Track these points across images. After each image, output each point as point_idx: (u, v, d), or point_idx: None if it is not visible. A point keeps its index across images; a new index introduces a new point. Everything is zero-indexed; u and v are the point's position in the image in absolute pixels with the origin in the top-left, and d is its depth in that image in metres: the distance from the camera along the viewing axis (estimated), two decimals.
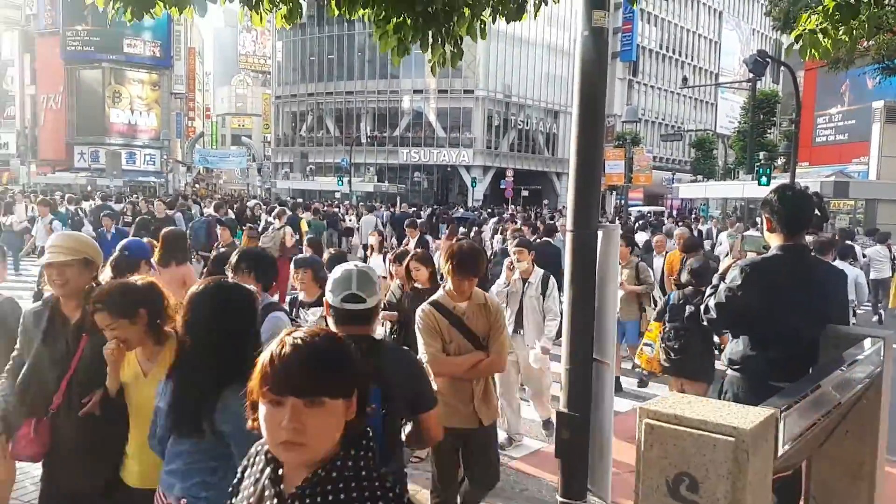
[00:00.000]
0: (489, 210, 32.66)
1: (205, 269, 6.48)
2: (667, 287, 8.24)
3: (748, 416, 1.72)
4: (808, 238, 14.63)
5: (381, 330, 5.31)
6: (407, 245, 9.99)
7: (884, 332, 3.04)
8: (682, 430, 1.72)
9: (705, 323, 3.61)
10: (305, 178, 56.84)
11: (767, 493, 1.83)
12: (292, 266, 5.12)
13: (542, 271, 5.77)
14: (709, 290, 3.68)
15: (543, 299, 5.61)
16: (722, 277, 3.64)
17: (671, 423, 1.74)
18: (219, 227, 9.92)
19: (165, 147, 57.11)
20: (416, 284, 5.11)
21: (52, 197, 19.80)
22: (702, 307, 3.62)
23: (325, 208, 23.33)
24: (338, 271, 2.49)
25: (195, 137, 65.32)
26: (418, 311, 3.74)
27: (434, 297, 3.81)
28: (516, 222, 18.64)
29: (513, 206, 36.97)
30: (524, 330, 5.67)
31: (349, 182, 41.36)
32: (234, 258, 3.71)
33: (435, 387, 2.89)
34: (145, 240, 5.31)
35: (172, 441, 2.21)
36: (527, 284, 5.68)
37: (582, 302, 3.65)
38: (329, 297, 2.45)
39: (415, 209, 27.66)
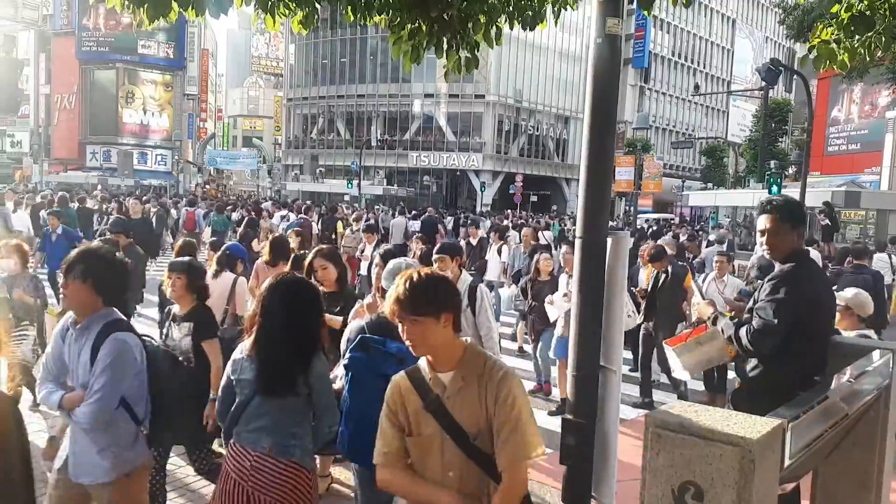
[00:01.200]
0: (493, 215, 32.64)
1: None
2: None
3: (755, 426, 1.72)
4: (813, 249, 14.48)
5: None
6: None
7: (893, 344, 3.02)
8: (688, 438, 1.72)
9: (744, 349, 3.33)
10: (315, 181, 56.98)
11: (773, 503, 1.83)
12: (166, 270, 4.23)
13: (469, 279, 4.71)
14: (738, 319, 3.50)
15: (473, 314, 4.48)
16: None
17: (678, 431, 1.74)
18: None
19: (177, 148, 57.38)
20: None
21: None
22: (737, 336, 3.35)
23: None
24: (391, 264, 3.32)
25: (206, 138, 65.63)
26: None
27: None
28: (509, 225, 19.00)
29: (510, 212, 36.92)
30: None
31: (359, 185, 41.46)
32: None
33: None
34: (111, 235, 6.46)
35: (257, 403, 2.63)
36: None
37: (590, 309, 3.65)
38: (386, 285, 3.21)
39: (434, 213, 27.72)
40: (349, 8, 4.05)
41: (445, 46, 4.14)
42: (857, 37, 4.24)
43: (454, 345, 2.20)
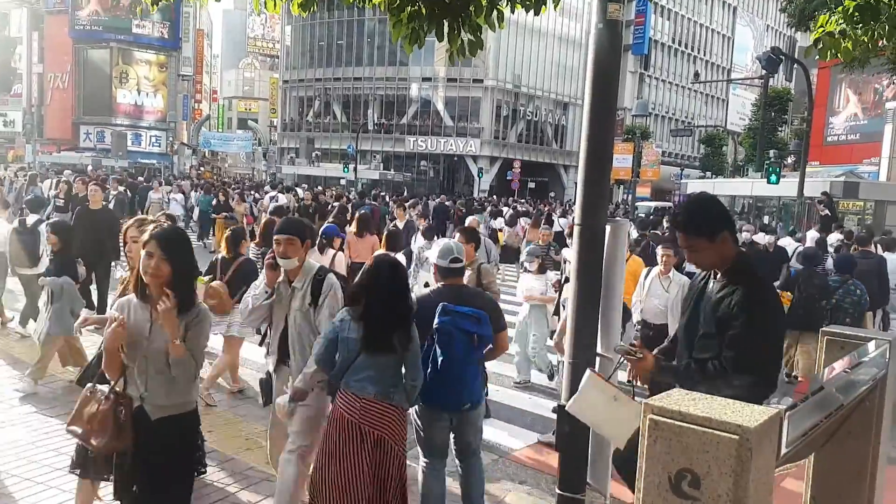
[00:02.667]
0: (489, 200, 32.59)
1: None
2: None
3: (753, 415, 1.73)
4: (836, 233, 14.16)
5: None
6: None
7: (890, 335, 3.03)
8: (686, 426, 1.72)
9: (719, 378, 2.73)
10: (311, 164, 56.78)
11: (769, 491, 1.84)
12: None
13: (315, 267, 3.81)
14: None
15: (314, 311, 3.70)
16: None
17: (675, 419, 1.74)
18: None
19: (171, 129, 57.03)
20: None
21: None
22: (709, 367, 2.79)
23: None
24: (441, 242, 3.98)
25: (201, 120, 65.25)
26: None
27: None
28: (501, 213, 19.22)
29: (499, 199, 36.88)
30: (291, 360, 3.74)
31: (355, 169, 41.32)
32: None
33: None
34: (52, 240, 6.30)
35: (362, 359, 3.29)
36: (292, 290, 3.73)
37: (587, 296, 3.65)
38: (438, 261, 3.78)
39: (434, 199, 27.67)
40: None
41: (446, 29, 4.10)
42: (861, 26, 4.22)
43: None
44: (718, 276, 2.89)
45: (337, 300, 3.66)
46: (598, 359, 3.64)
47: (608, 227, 3.61)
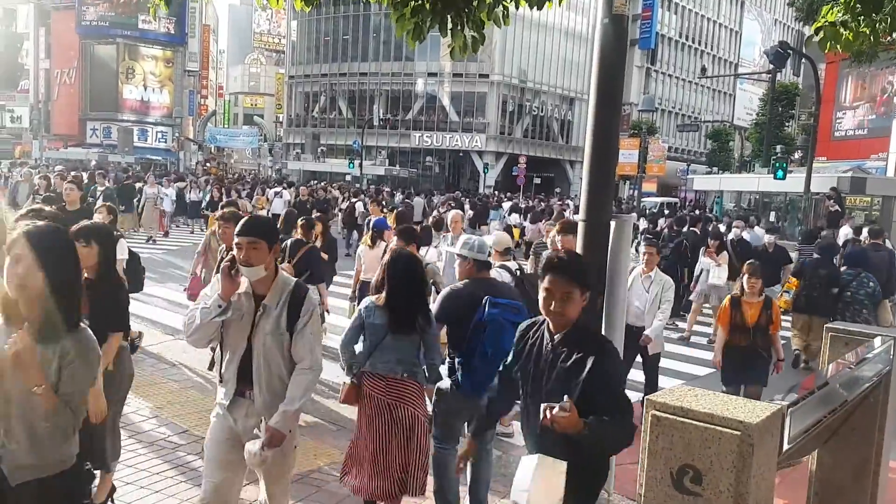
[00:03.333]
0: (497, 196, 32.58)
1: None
2: None
3: (755, 411, 1.73)
4: (846, 228, 14.23)
5: None
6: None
7: (894, 331, 3.02)
8: (688, 422, 1.72)
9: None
10: (316, 160, 56.82)
11: (771, 487, 1.84)
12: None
13: (291, 283, 3.06)
14: None
15: (290, 337, 2.97)
16: None
17: (678, 415, 1.74)
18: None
19: (177, 125, 57.15)
20: None
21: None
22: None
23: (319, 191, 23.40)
24: (465, 237, 4.08)
25: (207, 116, 65.36)
26: None
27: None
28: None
29: (502, 194, 36.83)
30: (255, 393, 2.98)
31: (360, 165, 41.33)
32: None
33: None
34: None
35: (388, 340, 3.59)
36: (263, 309, 2.96)
37: (592, 291, 3.65)
38: (476, 255, 3.92)
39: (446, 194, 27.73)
40: None
41: (450, 25, 4.10)
42: (862, 18, 4.20)
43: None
44: (557, 336, 2.63)
45: (320, 325, 3.34)
46: None
47: (612, 223, 3.61)
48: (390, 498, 3.59)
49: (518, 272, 5.18)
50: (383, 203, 15.45)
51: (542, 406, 2.34)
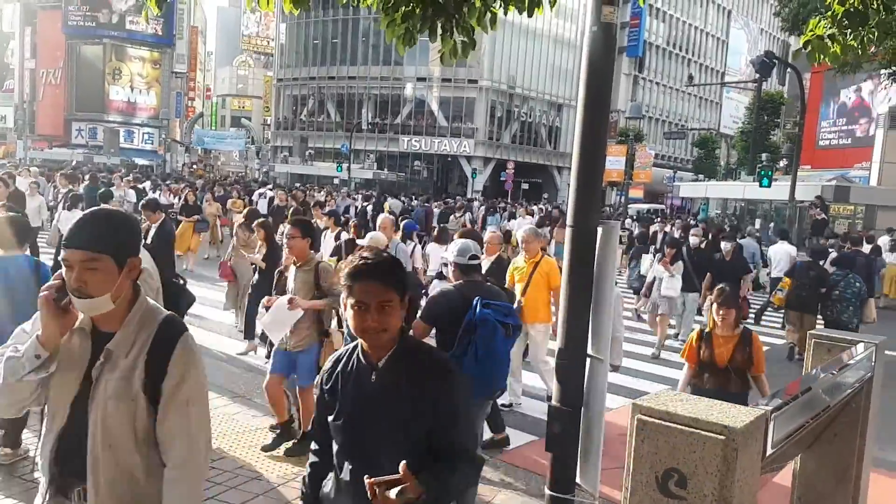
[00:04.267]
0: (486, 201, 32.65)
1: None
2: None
3: (739, 416, 1.74)
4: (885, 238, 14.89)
5: None
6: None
7: (877, 337, 3.06)
8: (673, 426, 1.74)
9: None
10: (304, 163, 56.68)
11: (755, 491, 1.86)
12: None
13: (161, 315, 2.08)
14: None
15: (149, 403, 2.11)
16: None
17: (663, 419, 1.76)
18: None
19: (164, 126, 56.82)
20: None
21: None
22: None
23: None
24: (460, 242, 4.03)
25: (194, 118, 65.06)
26: None
27: None
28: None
29: (487, 200, 36.90)
30: (89, 493, 1.99)
31: (348, 168, 41.29)
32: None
33: None
34: None
35: None
36: (106, 356, 1.91)
37: (579, 298, 3.67)
38: (458, 259, 3.90)
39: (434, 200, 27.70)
40: None
41: (440, 31, 4.11)
42: (850, 31, 4.26)
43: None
44: (381, 362, 2.06)
45: (204, 386, 1.99)
46: (588, 360, 3.66)
47: (600, 229, 3.63)
48: None
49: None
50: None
51: (367, 482, 1.76)
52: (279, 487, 4.26)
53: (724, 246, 9.78)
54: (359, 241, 6.35)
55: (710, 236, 13.47)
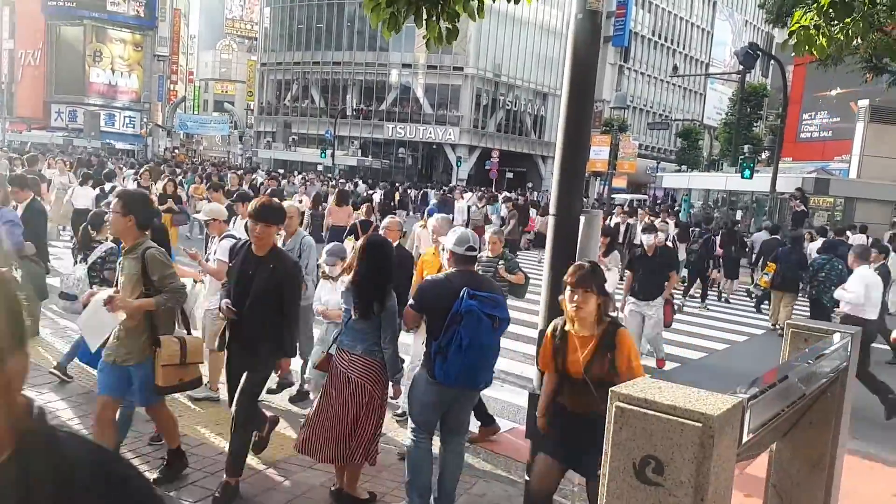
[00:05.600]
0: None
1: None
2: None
3: (716, 403, 1.76)
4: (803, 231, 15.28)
5: None
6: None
7: (853, 328, 3.10)
8: (651, 413, 1.75)
9: None
10: (288, 149, 56.26)
11: (730, 478, 1.88)
12: None
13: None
14: None
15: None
16: None
17: (641, 406, 1.77)
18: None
19: (146, 110, 56.13)
20: None
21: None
22: None
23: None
24: (458, 231, 4.03)
25: (177, 101, 64.24)
26: None
27: None
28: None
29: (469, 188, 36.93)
30: None
31: (332, 155, 41.05)
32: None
33: None
34: None
35: (353, 322, 3.86)
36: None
37: (561, 284, 3.68)
38: (454, 248, 3.88)
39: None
40: None
41: (425, 16, 4.08)
42: (836, 23, 4.29)
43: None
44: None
45: None
46: None
47: (582, 218, 3.64)
48: (331, 461, 3.90)
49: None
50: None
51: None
52: (259, 474, 4.26)
53: (646, 239, 8.08)
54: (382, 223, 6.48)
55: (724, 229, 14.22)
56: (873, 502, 4.33)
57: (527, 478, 3.82)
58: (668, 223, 14.41)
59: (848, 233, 14.61)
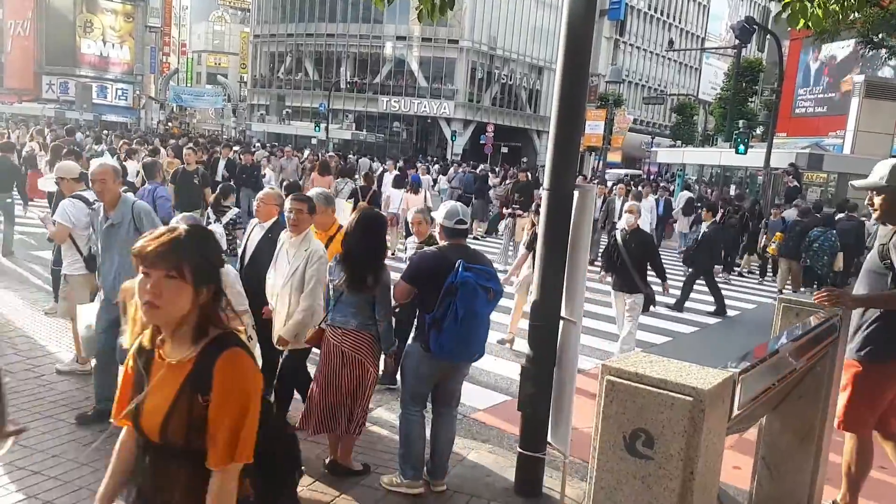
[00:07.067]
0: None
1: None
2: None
3: (707, 378, 1.77)
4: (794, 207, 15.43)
5: None
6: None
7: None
8: (642, 387, 1.76)
9: None
10: (281, 122, 55.77)
11: (720, 451, 1.90)
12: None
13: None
14: None
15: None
16: None
17: (632, 380, 1.78)
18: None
19: (138, 82, 55.43)
20: None
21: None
22: None
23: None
24: (448, 205, 4.02)
25: (169, 74, 63.46)
26: None
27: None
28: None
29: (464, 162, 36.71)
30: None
31: (326, 128, 40.74)
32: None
33: None
34: None
35: (345, 296, 3.84)
36: None
37: (554, 261, 3.68)
38: (445, 222, 3.90)
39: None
40: None
41: None
42: None
43: None
44: None
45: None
46: (561, 322, 3.69)
47: (576, 193, 3.63)
48: (324, 431, 3.93)
49: None
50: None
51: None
52: None
53: (626, 219, 7.08)
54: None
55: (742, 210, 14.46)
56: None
57: (519, 449, 3.86)
58: (655, 201, 14.32)
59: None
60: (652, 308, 7.10)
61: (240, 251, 5.06)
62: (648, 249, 7.04)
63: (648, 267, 7.02)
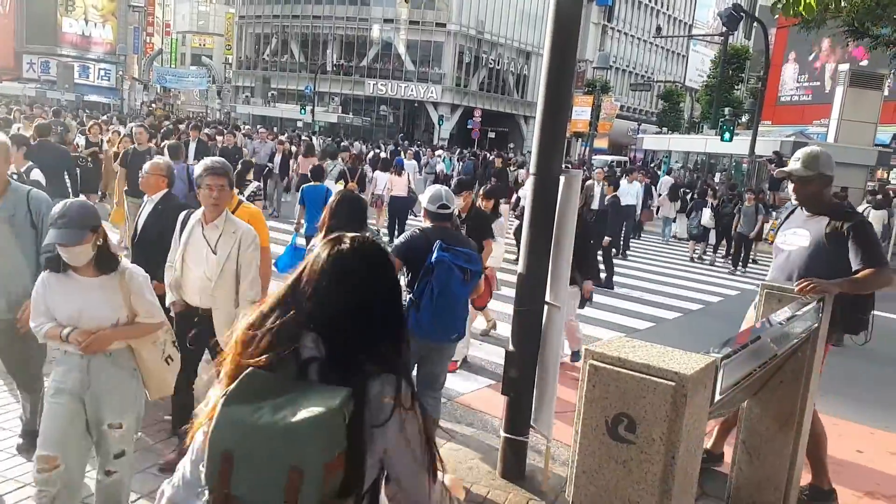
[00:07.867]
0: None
1: None
2: None
3: (689, 363, 1.78)
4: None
5: None
6: None
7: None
8: (625, 372, 1.76)
9: None
10: (266, 105, 55.24)
11: (701, 436, 1.91)
12: None
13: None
14: None
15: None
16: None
17: (615, 365, 1.78)
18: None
19: (121, 63, 54.61)
20: None
21: None
22: None
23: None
24: (432, 189, 4.15)
25: (153, 54, 62.52)
26: None
27: None
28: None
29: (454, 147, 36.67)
30: None
31: (312, 111, 40.42)
32: None
33: None
34: None
35: None
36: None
37: (539, 246, 3.69)
38: (428, 206, 4.00)
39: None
40: None
41: None
42: None
43: None
44: None
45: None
46: (545, 307, 3.70)
47: (562, 178, 3.63)
48: None
49: None
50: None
51: None
52: None
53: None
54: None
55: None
56: (838, 459, 4.46)
57: (503, 433, 3.88)
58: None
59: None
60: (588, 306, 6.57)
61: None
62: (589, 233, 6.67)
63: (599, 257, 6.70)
